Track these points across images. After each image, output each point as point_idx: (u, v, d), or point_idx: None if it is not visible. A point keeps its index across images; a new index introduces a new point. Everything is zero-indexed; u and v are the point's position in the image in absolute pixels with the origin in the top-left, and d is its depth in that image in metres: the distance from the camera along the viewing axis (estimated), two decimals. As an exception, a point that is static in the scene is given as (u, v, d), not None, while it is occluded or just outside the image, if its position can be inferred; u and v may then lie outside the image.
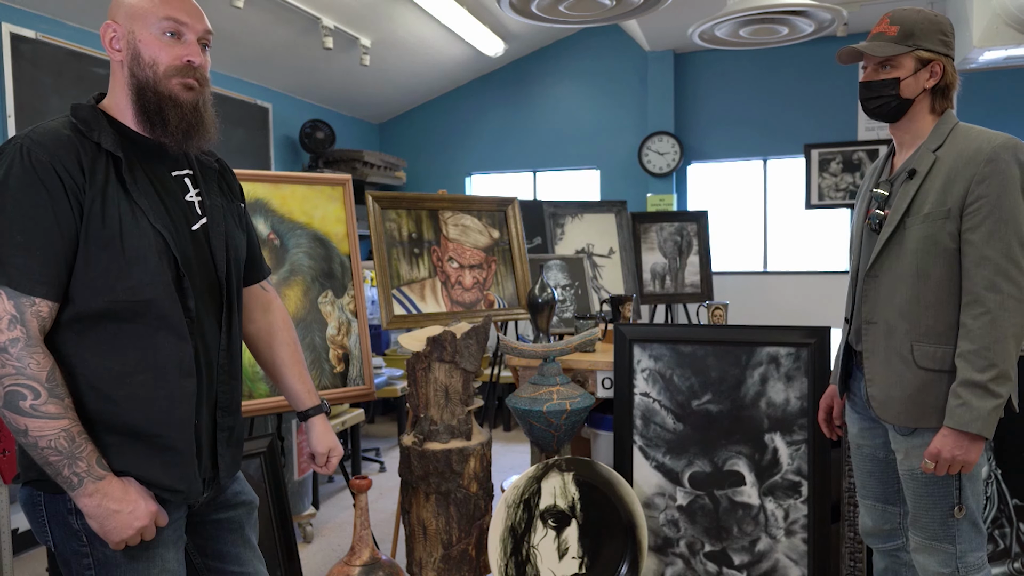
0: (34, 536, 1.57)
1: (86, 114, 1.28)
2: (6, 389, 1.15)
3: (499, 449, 4.88)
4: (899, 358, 1.68)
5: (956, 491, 1.65)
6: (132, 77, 1.30)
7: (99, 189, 1.22)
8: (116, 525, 1.21)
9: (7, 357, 1.14)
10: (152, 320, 1.25)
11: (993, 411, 1.54)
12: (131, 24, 1.29)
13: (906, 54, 1.68)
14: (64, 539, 1.27)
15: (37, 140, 1.20)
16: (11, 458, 2.35)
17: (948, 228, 1.61)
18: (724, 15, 3.35)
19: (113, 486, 1.21)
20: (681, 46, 6.24)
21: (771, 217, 6.35)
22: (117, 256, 1.22)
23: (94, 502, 1.20)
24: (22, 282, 1.15)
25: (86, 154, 1.23)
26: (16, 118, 3.80)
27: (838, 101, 5.96)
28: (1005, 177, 1.55)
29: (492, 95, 6.91)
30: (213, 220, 1.39)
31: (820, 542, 2.27)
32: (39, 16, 3.97)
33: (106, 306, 1.22)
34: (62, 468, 1.17)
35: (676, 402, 2.41)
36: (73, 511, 1.24)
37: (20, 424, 1.16)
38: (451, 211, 3.33)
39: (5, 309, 1.15)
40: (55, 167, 1.19)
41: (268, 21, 4.79)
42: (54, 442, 1.16)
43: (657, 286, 5.04)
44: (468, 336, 2.39)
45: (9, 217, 1.16)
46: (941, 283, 1.62)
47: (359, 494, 2.35)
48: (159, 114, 1.30)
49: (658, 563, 2.41)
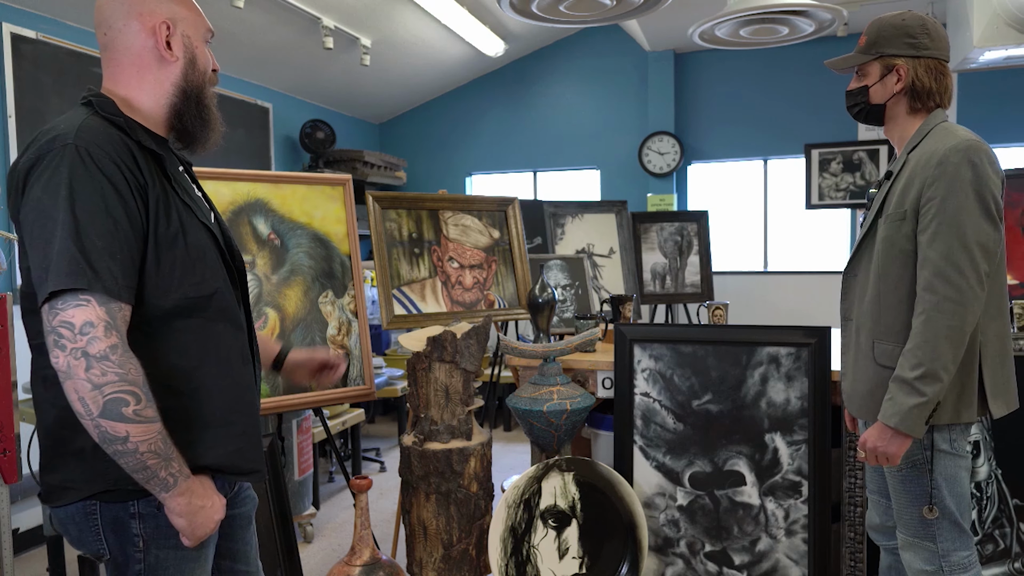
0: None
1: (115, 110, 1.23)
2: (107, 397, 1.10)
3: (499, 449, 4.88)
4: (863, 354, 1.75)
5: (929, 490, 1.67)
6: (185, 81, 1.30)
7: (159, 188, 1.21)
8: (203, 520, 1.23)
9: (108, 365, 1.10)
10: (213, 312, 1.27)
11: (915, 408, 1.57)
12: (184, 28, 1.30)
13: (871, 62, 1.75)
14: (120, 545, 1.25)
15: (92, 140, 1.15)
16: (11, 458, 2.35)
17: (904, 229, 1.65)
18: (724, 15, 3.35)
19: (196, 483, 1.22)
20: (681, 46, 6.24)
21: (771, 217, 6.35)
22: (183, 253, 1.22)
23: (185, 500, 1.20)
24: (111, 288, 1.12)
25: (137, 153, 1.21)
26: (16, 118, 3.80)
27: (838, 101, 5.95)
28: (953, 179, 1.57)
29: (492, 95, 6.91)
30: (217, 214, 1.41)
31: (820, 542, 2.27)
32: (39, 16, 3.97)
33: (174, 304, 1.22)
34: (159, 470, 1.16)
35: (676, 402, 2.41)
36: (136, 515, 1.23)
37: (120, 431, 1.12)
38: (451, 211, 3.33)
39: (98, 316, 1.11)
40: (119, 167, 1.16)
41: (268, 21, 4.79)
42: (153, 445, 1.14)
43: (657, 286, 5.04)
44: (468, 336, 2.39)
45: (86, 222, 1.12)
46: (899, 283, 1.67)
47: (359, 494, 2.35)
48: (197, 119, 1.32)
49: (658, 563, 2.41)
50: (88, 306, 1.10)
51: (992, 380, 1.65)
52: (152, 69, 1.28)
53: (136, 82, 1.28)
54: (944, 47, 1.73)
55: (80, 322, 1.10)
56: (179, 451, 1.20)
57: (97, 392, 1.10)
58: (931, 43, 1.71)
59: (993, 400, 1.65)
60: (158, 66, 1.28)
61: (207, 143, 1.35)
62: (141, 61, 1.27)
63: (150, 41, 1.27)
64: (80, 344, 1.10)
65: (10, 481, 2.37)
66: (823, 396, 2.26)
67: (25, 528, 3.31)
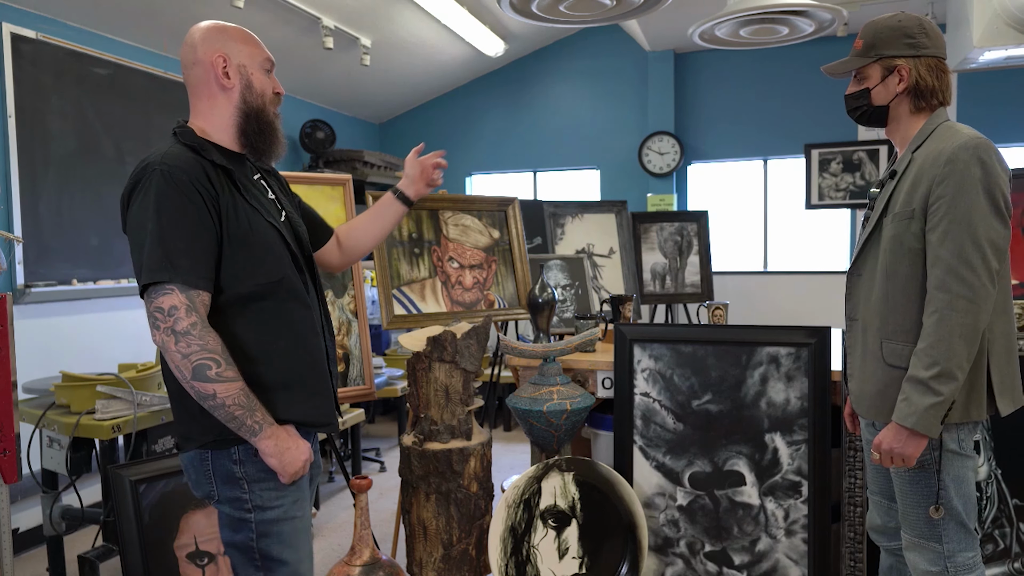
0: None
1: (194, 138, 1.52)
2: (194, 364, 1.40)
3: (499, 449, 4.88)
4: (871, 355, 1.73)
5: (936, 490, 1.66)
6: (244, 103, 1.56)
7: (228, 198, 1.48)
8: (291, 459, 1.49)
9: (191, 338, 1.39)
10: (284, 295, 1.54)
11: (931, 408, 1.55)
12: (240, 59, 1.56)
13: (870, 64, 1.75)
14: (227, 488, 1.52)
15: (173, 164, 1.44)
16: (11, 458, 2.35)
17: (912, 228, 1.64)
18: (724, 15, 3.35)
19: (281, 430, 1.49)
20: (681, 46, 6.24)
21: (771, 217, 6.35)
22: (253, 248, 1.50)
23: (272, 443, 1.47)
24: (189, 279, 1.41)
25: (210, 171, 1.48)
26: (16, 118, 3.80)
27: (838, 101, 5.95)
28: (962, 177, 1.56)
29: (492, 95, 6.91)
30: (289, 213, 1.67)
31: (820, 542, 2.27)
32: (39, 16, 3.97)
33: (251, 289, 1.49)
34: (245, 419, 1.44)
35: (676, 402, 2.41)
36: (239, 461, 1.50)
37: (209, 390, 1.41)
38: (451, 211, 3.33)
39: (180, 301, 1.40)
40: (194, 184, 1.44)
41: (268, 21, 4.79)
42: (237, 399, 1.43)
43: (657, 286, 5.04)
44: (468, 336, 2.39)
45: (169, 228, 1.41)
46: (907, 282, 1.65)
47: (359, 494, 2.35)
48: (260, 136, 1.58)
49: (658, 563, 2.41)
50: (172, 294, 1.40)
51: (1000, 377, 1.64)
52: (217, 97, 1.56)
53: (207, 110, 1.57)
54: (941, 45, 1.73)
55: (168, 306, 1.40)
56: (264, 407, 1.47)
57: (186, 360, 1.40)
58: (929, 42, 1.71)
59: (1000, 397, 1.64)
60: (221, 93, 1.55)
61: (272, 155, 1.62)
62: (208, 92, 1.56)
63: (211, 74, 1.54)
64: (169, 323, 1.40)
65: (10, 481, 2.37)
66: (823, 396, 2.26)
67: (25, 528, 3.31)
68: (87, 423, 2.57)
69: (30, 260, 3.85)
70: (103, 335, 4.21)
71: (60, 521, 2.77)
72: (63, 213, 4.05)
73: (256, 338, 1.51)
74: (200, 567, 2.43)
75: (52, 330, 3.94)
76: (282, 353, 1.53)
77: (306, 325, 1.58)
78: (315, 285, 1.69)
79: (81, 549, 2.71)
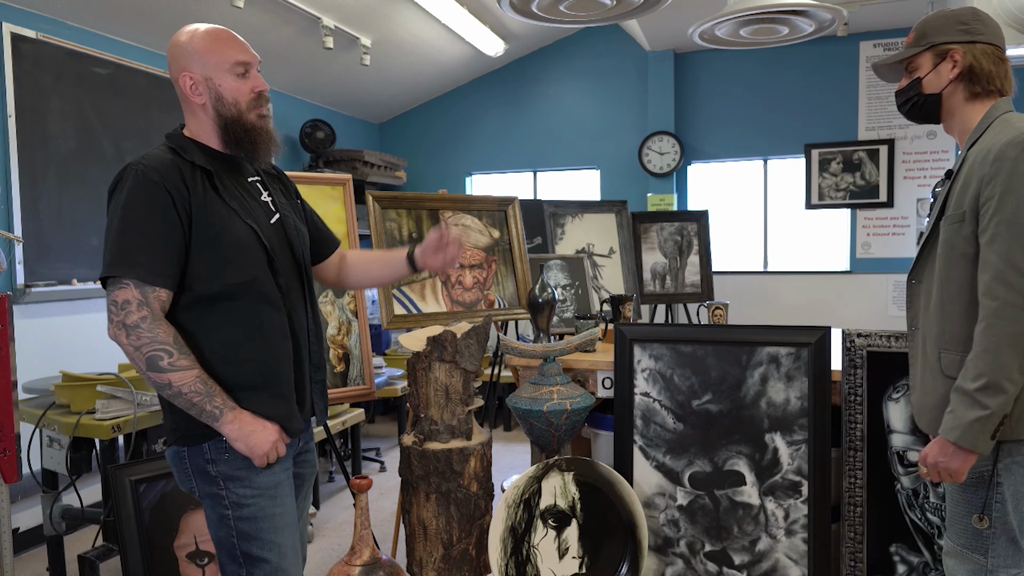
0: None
1: (179, 141, 1.58)
2: (146, 356, 1.44)
3: (499, 449, 4.89)
4: (930, 366, 1.63)
5: (989, 502, 1.56)
6: (218, 116, 1.58)
7: (200, 198, 1.52)
8: (258, 441, 1.51)
9: (141, 331, 1.44)
10: (255, 296, 1.55)
11: (976, 422, 1.46)
12: (206, 71, 1.57)
13: (920, 53, 1.66)
14: (205, 485, 1.56)
15: (148, 164, 1.50)
16: (11, 458, 2.35)
17: (964, 231, 1.54)
18: (724, 15, 3.35)
19: (244, 413, 1.52)
20: (681, 46, 6.24)
21: (771, 217, 6.35)
22: (223, 248, 1.52)
23: (235, 427, 1.49)
24: (145, 275, 1.45)
25: (186, 171, 1.53)
26: (17, 118, 3.79)
27: (838, 101, 5.96)
28: (1009, 175, 1.47)
29: (492, 95, 6.91)
30: (285, 215, 1.69)
31: (820, 542, 2.27)
32: (40, 16, 3.97)
33: (220, 289, 1.52)
34: (205, 405, 1.47)
35: (676, 402, 2.41)
36: (210, 460, 1.53)
37: (164, 379, 1.45)
38: (451, 211, 3.33)
39: (133, 296, 1.44)
40: (164, 184, 1.48)
41: (268, 21, 4.79)
42: (193, 386, 1.46)
43: (657, 286, 5.04)
44: (468, 336, 2.39)
45: (133, 225, 1.46)
46: (961, 288, 1.55)
47: (359, 494, 2.35)
48: (242, 142, 1.60)
49: (658, 563, 2.41)
50: (127, 288, 1.44)
51: None
52: (195, 110, 1.61)
53: (192, 120, 1.63)
54: (998, 34, 1.63)
55: (121, 300, 1.44)
56: (246, 401, 1.51)
57: (138, 353, 1.44)
58: (984, 29, 1.62)
59: None
60: (200, 109, 1.60)
61: (261, 157, 1.64)
62: (188, 106, 1.62)
63: (185, 91, 1.59)
64: (120, 317, 1.44)
65: (10, 481, 2.37)
66: (823, 396, 2.26)
67: (25, 528, 3.31)
68: (87, 423, 2.57)
69: (30, 260, 3.85)
70: (103, 335, 4.18)
71: (60, 521, 2.77)
72: (63, 213, 4.05)
73: (222, 338, 1.54)
74: (200, 567, 2.43)
75: (52, 330, 3.94)
76: (248, 354, 1.55)
77: (275, 328, 1.58)
78: (303, 289, 1.70)
79: (81, 549, 2.72)
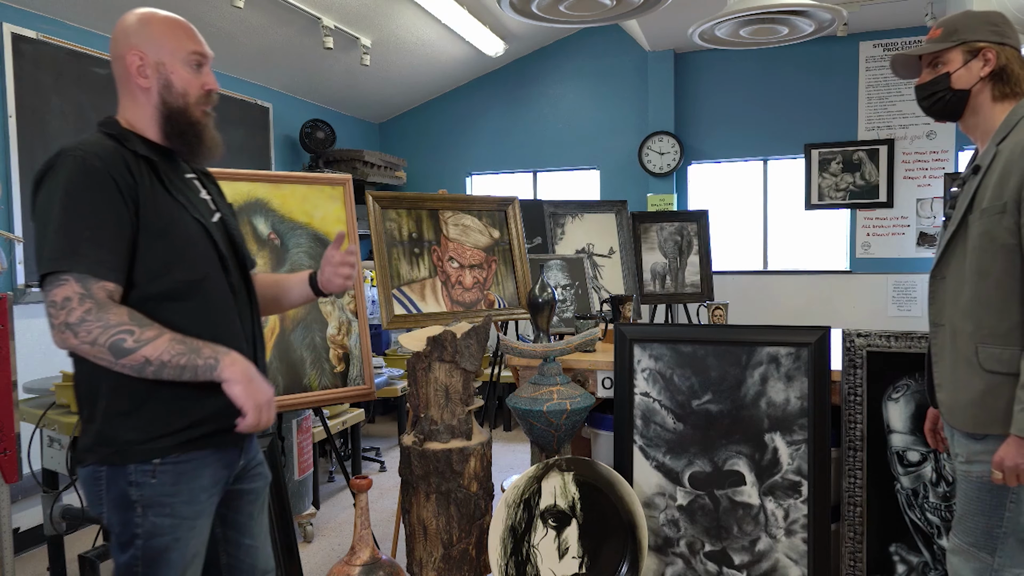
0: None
1: (116, 128, 1.46)
2: (107, 345, 1.29)
3: (499, 449, 4.89)
4: (964, 361, 1.61)
5: (1007, 502, 1.56)
6: (163, 104, 1.47)
7: (147, 188, 1.40)
8: (260, 386, 1.38)
9: (89, 324, 1.28)
10: (205, 296, 1.45)
11: None
12: (159, 55, 1.46)
13: (951, 48, 1.66)
14: (118, 510, 1.40)
15: (89, 150, 1.36)
16: (11, 458, 2.35)
17: (1005, 223, 1.54)
18: (724, 15, 3.35)
19: (239, 356, 1.39)
20: (681, 46, 6.24)
21: (771, 217, 6.35)
22: (173, 242, 1.41)
23: (239, 367, 1.36)
24: (92, 268, 1.31)
25: (130, 160, 1.40)
26: (17, 118, 3.80)
27: (838, 101, 5.96)
28: None
29: (492, 95, 6.91)
30: (225, 215, 1.60)
31: (820, 542, 2.27)
32: (40, 16, 3.97)
33: (168, 287, 1.41)
34: (196, 360, 1.33)
35: (676, 402, 2.42)
36: (134, 483, 1.38)
37: (139, 359, 1.30)
38: (451, 211, 3.33)
39: (75, 290, 1.29)
40: (109, 171, 1.35)
41: (268, 21, 4.79)
42: (172, 348, 1.32)
43: (657, 286, 5.04)
44: (468, 336, 2.39)
45: (77, 216, 1.32)
46: (1001, 281, 1.55)
47: (359, 494, 2.35)
48: (184, 136, 1.49)
49: (658, 563, 2.41)
50: (66, 285, 1.30)
51: None
52: (136, 94, 1.48)
53: (131, 106, 1.49)
54: (1018, 39, 1.66)
55: (61, 298, 1.29)
56: (180, 414, 1.39)
57: (98, 347, 1.29)
58: (1012, 33, 1.64)
59: None
60: (140, 91, 1.47)
61: (200, 156, 1.53)
62: (129, 88, 1.48)
63: (130, 71, 1.46)
64: (62, 317, 1.29)
65: (10, 481, 2.37)
66: (823, 396, 2.27)
67: (25, 528, 3.31)
68: (87, 423, 2.56)
69: (30, 260, 3.85)
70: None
71: (60, 521, 2.77)
72: (63, 213, 4.04)
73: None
74: (200, 567, 2.42)
75: (52, 330, 3.93)
76: None
77: (227, 331, 1.48)
78: (248, 292, 1.59)
79: (81, 549, 2.72)
